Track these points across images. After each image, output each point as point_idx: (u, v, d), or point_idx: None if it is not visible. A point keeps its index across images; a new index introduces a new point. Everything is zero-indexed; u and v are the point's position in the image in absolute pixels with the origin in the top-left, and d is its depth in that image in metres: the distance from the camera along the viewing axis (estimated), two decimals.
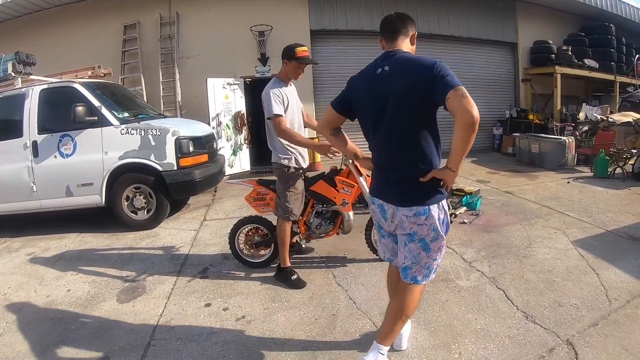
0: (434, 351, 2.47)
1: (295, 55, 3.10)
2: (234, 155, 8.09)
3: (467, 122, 1.70)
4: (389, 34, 2.03)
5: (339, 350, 2.49)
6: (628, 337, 2.57)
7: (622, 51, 11.91)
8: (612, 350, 2.43)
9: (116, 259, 4.07)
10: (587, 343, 2.52)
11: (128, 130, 4.74)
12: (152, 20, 8.31)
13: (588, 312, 2.89)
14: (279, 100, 3.08)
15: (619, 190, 6.33)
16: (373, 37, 9.56)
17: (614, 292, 3.17)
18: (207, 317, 2.92)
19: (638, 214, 5.11)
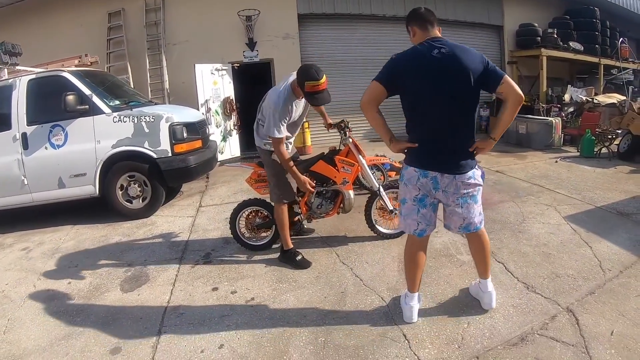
0: (443, 322, 2.54)
1: (304, 88, 2.91)
2: (224, 141, 8.03)
3: (519, 100, 2.14)
4: (427, 25, 2.32)
5: (352, 325, 2.55)
6: (623, 303, 2.70)
7: (606, 34, 12.14)
8: (610, 316, 2.55)
9: (114, 249, 4.02)
10: (586, 310, 2.63)
11: (120, 118, 4.65)
12: (137, 6, 8.11)
13: (584, 281, 3.01)
14: (286, 119, 3.02)
15: (605, 169, 6.51)
16: (360, 21, 9.60)
17: (607, 263, 3.30)
18: (216, 301, 2.93)
19: (625, 191, 5.28)
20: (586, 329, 2.43)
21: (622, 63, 12.17)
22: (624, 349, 2.24)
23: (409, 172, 2.34)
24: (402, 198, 2.45)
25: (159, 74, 8.02)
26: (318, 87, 2.89)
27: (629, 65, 12.52)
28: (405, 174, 2.37)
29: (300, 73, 2.91)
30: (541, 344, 2.31)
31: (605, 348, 2.26)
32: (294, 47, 8.83)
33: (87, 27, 8.04)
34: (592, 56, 11.55)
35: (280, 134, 2.97)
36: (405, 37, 2.36)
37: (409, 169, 2.34)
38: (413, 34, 2.36)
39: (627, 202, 4.85)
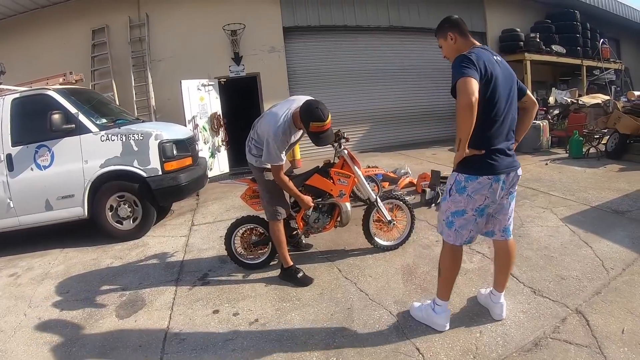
0: (455, 333, 2.49)
1: (309, 128, 2.85)
2: (212, 157, 7.92)
3: (537, 110, 2.55)
4: (466, 31, 2.41)
5: (362, 342, 2.46)
6: (630, 301, 2.72)
7: (587, 36, 12.40)
8: (619, 315, 2.57)
9: (107, 273, 3.86)
10: (595, 310, 2.64)
11: (108, 137, 4.52)
12: (121, 23, 8.02)
13: (589, 282, 3.01)
14: (285, 146, 2.96)
15: (595, 169, 6.59)
16: (346, 33, 9.68)
17: (609, 262, 3.31)
18: (218, 324, 2.80)
19: (617, 189, 5.34)
20: (597, 329, 2.43)
21: (603, 64, 12.46)
22: (637, 345, 2.27)
23: (479, 182, 2.26)
24: (458, 210, 2.35)
25: (145, 90, 7.91)
26: (324, 127, 2.83)
27: (611, 66, 12.84)
28: (470, 186, 2.27)
29: (305, 112, 2.82)
30: (555, 348, 2.29)
31: (619, 347, 2.26)
32: (280, 60, 8.82)
33: (71, 45, 7.91)
34: (575, 58, 11.80)
35: (280, 162, 2.94)
36: (391, 46, 2.36)
37: (478, 179, 2.25)
38: (454, 41, 2.39)
39: (621, 200, 4.90)
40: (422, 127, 10.86)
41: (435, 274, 3.24)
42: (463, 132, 2.12)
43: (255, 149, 3.15)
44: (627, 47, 16.12)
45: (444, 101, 10.99)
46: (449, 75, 2.21)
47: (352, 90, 9.88)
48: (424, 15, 10.37)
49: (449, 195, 2.39)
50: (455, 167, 2.33)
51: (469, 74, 2.07)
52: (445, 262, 2.51)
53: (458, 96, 2.08)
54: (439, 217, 2.53)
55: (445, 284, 2.52)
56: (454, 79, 2.12)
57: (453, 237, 2.41)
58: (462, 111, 2.06)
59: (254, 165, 3.19)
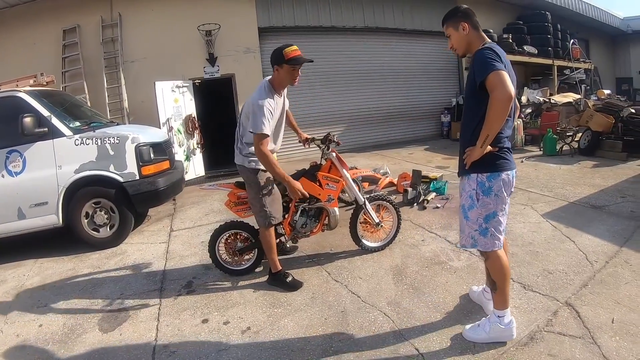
0: (451, 331, 2.49)
1: (285, 58, 2.79)
2: (187, 160, 7.73)
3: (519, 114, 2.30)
4: (478, 25, 2.31)
5: (360, 346, 2.42)
6: (616, 292, 2.81)
7: (557, 37, 12.83)
8: (607, 305, 2.65)
9: (86, 284, 3.65)
10: (584, 302, 2.71)
11: (83, 141, 4.32)
12: (93, 23, 7.71)
13: (576, 275, 3.09)
14: (270, 115, 2.81)
15: (570, 166, 6.81)
16: (321, 33, 9.68)
17: (593, 255, 3.42)
18: (209, 334, 2.68)
19: (593, 185, 5.52)
20: (588, 320, 2.49)
21: (573, 63, 12.94)
22: (627, 334, 2.34)
23: (502, 180, 2.18)
24: (489, 213, 2.23)
25: (118, 92, 7.64)
26: (296, 51, 2.86)
27: (581, 65, 13.33)
28: (495, 185, 2.18)
29: (275, 54, 2.88)
30: (551, 341, 2.33)
31: (610, 336, 2.33)
32: (255, 61, 8.70)
33: (41, 45, 7.56)
34: (546, 58, 12.16)
35: (266, 130, 2.73)
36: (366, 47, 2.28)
37: (501, 175, 2.18)
38: (465, 32, 2.28)
39: (597, 195, 5.06)
40: (398, 127, 10.98)
41: (426, 273, 3.28)
42: (495, 128, 2.05)
43: (246, 147, 3.02)
44: (596, 47, 16.84)
45: (418, 101, 11.18)
46: (420, 75, 2.19)
47: (328, 91, 9.89)
48: (399, 17, 10.50)
49: (476, 201, 2.24)
50: (470, 169, 2.23)
51: (500, 67, 2.00)
52: (498, 273, 2.31)
53: (495, 89, 1.98)
54: (466, 231, 2.32)
55: (503, 295, 2.33)
56: (484, 72, 2.03)
57: (491, 243, 2.27)
58: (500, 105, 1.98)
59: (245, 166, 3.04)
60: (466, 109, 2.35)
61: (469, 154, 2.20)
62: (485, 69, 2.02)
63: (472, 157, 2.17)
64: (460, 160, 2.33)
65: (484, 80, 2.02)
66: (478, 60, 2.11)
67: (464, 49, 2.33)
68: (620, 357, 2.15)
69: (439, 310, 2.73)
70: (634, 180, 5.68)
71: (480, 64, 2.07)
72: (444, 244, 3.87)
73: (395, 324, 2.60)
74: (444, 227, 4.31)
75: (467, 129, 2.29)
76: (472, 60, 2.23)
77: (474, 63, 2.15)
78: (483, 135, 2.08)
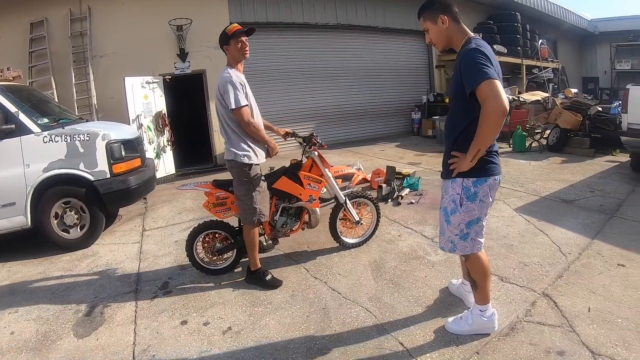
0: (434, 324, 2.51)
1: (228, 35, 2.93)
2: (158, 158, 7.53)
3: None
4: (459, 16, 2.15)
5: (344, 341, 2.40)
6: (590, 282, 2.92)
7: (527, 37, 13.22)
8: (582, 295, 2.75)
9: (57, 288, 3.47)
10: (560, 292, 2.80)
11: (52, 138, 4.12)
12: (61, 16, 7.36)
13: (551, 267, 3.19)
14: (242, 88, 2.86)
15: (539, 162, 7.03)
16: (293, 30, 9.65)
17: (566, 247, 3.53)
18: (189, 336, 2.60)
19: (562, 180, 5.71)
20: (566, 310, 2.58)
21: (542, 63, 13.36)
22: (603, 321, 2.43)
23: (488, 185, 2.10)
24: (473, 219, 2.16)
25: (86, 88, 7.34)
26: (236, 26, 2.96)
27: (549, 65, 13.81)
28: (481, 190, 2.10)
29: (220, 37, 3.01)
30: (531, 330, 2.39)
31: (587, 324, 2.41)
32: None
33: (7, 39, 7.16)
34: (515, 58, 12.50)
35: (243, 101, 2.83)
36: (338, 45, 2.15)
37: (488, 181, 2.09)
38: (445, 25, 2.11)
39: (567, 190, 5.24)
40: (369, 124, 11.09)
41: (405, 267, 3.31)
42: (487, 143, 1.96)
43: (236, 136, 2.94)
44: (563, 47, 17.43)
45: (389, 98, 11.32)
46: (391, 72, 2.11)
47: (300, 88, 9.86)
48: (371, 15, 10.59)
49: (459, 206, 2.14)
50: (455, 174, 2.13)
51: (493, 75, 1.86)
52: (478, 273, 2.29)
53: (487, 101, 1.84)
54: (447, 235, 2.26)
55: (483, 292, 2.33)
56: (474, 80, 1.88)
57: (471, 247, 2.22)
58: (493, 119, 1.85)
59: (237, 161, 2.93)
60: (452, 112, 2.22)
61: (457, 163, 2.09)
62: (476, 76, 1.88)
63: (461, 168, 2.07)
64: (445, 162, 2.22)
65: (475, 89, 1.88)
66: (467, 64, 1.95)
67: (444, 43, 2.18)
68: (598, 343, 2.23)
69: (420, 304, 2.75)
70: (601, 176, 5.92)
71: (470, 70, 1.92)
72: (420, 239, 3.92)
73: (377, 319, 2.61)
74: (420, 222, 4.36)
75: (452, 132, 2.18)
76: (458, 61, 2.06)
77: (462, 66, 1.98)
78: (474, 149, 1.97)
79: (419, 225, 4.27)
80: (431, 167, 6.97)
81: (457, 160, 2.09)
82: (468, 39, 2.07)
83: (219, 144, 8.59)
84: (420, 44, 11.93)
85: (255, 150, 2.99)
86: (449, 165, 2.16)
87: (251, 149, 2.97)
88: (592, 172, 6.16)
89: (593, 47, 18.86)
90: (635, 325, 2.38)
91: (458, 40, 2.12)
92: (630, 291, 2.76)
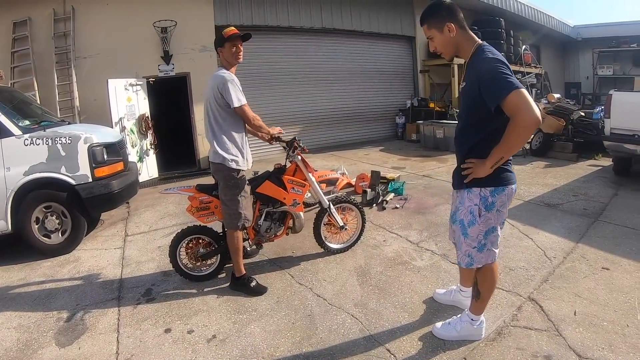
0: (421, 331, 2.51)
1: (224, 37, 2.91)
2: (140, 161, 7.39)
3: None
4: (465, 23, 2.08)
5: (331, 349, 2.38)
6: (575, 285, 2.96)
7: (510, 42, 13.37)
8: (568, 299, 2.78)
9: (38, 295, 3.38)
10: (546, 297, 2.82)
11: (33, 141, 4.02)
12: (45, 16, 7.19)
13: (536, 271, 3.22)
14: (239, 87, 2.88)
15: (523, 166, 7.12)
16: (278, 33, 9.65)
17: (551, 251, 3.57)
18: (173, 344, 2.54)
19: (545, 184, 5.79)
20: (552, 314, 2.60)
21: (525, 68, 13.56)
22: (590, 325, 2.46)
23: (505, 194, 2.05)
24: (489, 229, 2.11)
25: (69, 90, 7.17)
26: (233, 30, 2.94)
27: (532, 70, 14.02)
28: (498, 200, 2.04)
29: (216, 39, 3.02)
30: (518, 335, 2.41)
31: (574, 327, 2.44)
32: (211, 60, 8.40)
33: None
34: None
35: (244, 99, 2.87)
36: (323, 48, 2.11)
37: (505, 190, 2.03)
38: (452, 33, 2.02)
39: (551, 194, 5.31)
40: (353, 128, 11.11)
41: (390, 273, 3.30)
42: (513, 151, 1.90)
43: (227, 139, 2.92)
44: (546, 53, 17.72)
45: (374, 103, 11.36)
46: (375, 77, 2.04)
47: (284, 92, 9.83)
48: (356, 19, 10.61)
49: (478, 217, 2.07)
50: (471, 183, 2.05)
51: (520, 85, 1.77)
52: (486, 285, 2.26)
53: (519, 113, 1.75)
54: (464, 249, 2.18)
55: (484, 303, 2.30)
56: (500, 93, 1.78)
57: (486, 257, 2.17)
58: (526, 131, 1.79)
59: (226, 166, 2.89)
60: (465, 125, 2.12)
61: (473, 169, 2.01)
62: (501, 89, 1.77)
63: (477, 174, 1.99)
64: (458, 173, 2.15)
65: (501, 102, 1.78)
66: (488, 76, 1.84)
67: (452, 53, 2.09)
68: (585, 347, 2.26)
69: (406, 310, 2.75)
70: (584, 180, 6.03)
71: (494, 82, 1.81)
72: (405, 244, 3.92)
73: (364, 325, 2.59)
74: (405, 227, 4.37)
75: (465, 142, 2.10)
76: (472, 72, 1.97)
77: (482, 78, 1.87)
78: (497, 156, 1.90)
79: (404, 230, 4.27)
80: (415, 172, 7.01)
81: (472, 165, 2.02)
82: (478, 47, 1.99)
83: (202, 147, 8.50)
84: (405, 49, 12.02)
85: (244, 156, 2.99)
86: (462, 176, 2.09)
87: (240, 154, 2.95)
88: (576, 176, 6.26)
89: (576, 53, 19.22)
90: (620, 328, 2.41)
91: (467, 48, 2.03)
92: (615, 294, 2.80)
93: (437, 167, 7.38)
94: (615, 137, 5.86)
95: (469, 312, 2.36)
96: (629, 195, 5.22)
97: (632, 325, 2.44)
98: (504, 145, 1.86)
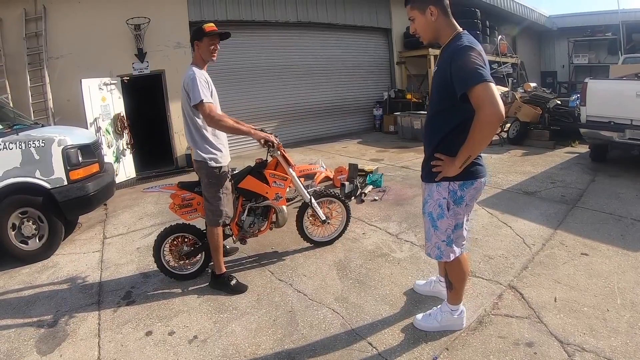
0: (402, 323, 2.53)
1: (204, 32, 2.86)
2: (117, 162, 7.28)
3: None
4: (449, 10, 2.01)
5: (313, 344, 2.39)
6: (555, 272, 3.01)
7: (486, 32, 13.50)
8: (548, 285, 2.83)
9: (17, 302, 3.30)
10: (526, 284, 2.87)
11: (6, 145, 3.89)
12: (15, 16, 6.97)
13: (515, 259, 3.27)
14: (205, 85, 2.82)
15: (500, 155, 7.22)
16: (253, 28, 9.57)
17: (529, 239, 3.63)
18: (155, 347, 2.51)
19: (523, 172, 5.89)
20: (532, 301, 2.64)
21: (501, 58, 13.72)
22: (570, 310, 2.51)
23: (474, 188, 2.03)
24: (458, 223, 2.12)
25: (42, 91, 6.98)
26: (213, 26, 2.92)
27: (508, 60, 14.18)
28: (467, 194, 2.02)
29: (194, 31, 2.95)
30: (499, 323, 2.44)
31: (554, 314, 2.48)
32: (186, 56, 8.30)
33: None
34: None
35: (207, 98, 2.76)
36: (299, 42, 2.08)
37: (474, 183, 2.01)
38: (434, 17, 1.96)
39: (529, 182, 5.40)
40: (331, 121, 11.12)
41: (370, 266, 3.32)
42: (478, 150, 1.86)
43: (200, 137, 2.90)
44: (522, 42, 17.95)
45: (351, 95, 11.40)
46: (352, 69, 2.00)
47: (261, 86, 9.77)
48: (332, 12, 10.58)
49: (446, 211, 2.06)
50: (440, 178, 2.02)
51: (488, 78, 1.73)
52: (457, 277, 2.28)
53: (483, 106, 1.71)
54: (433, 240, 2.18)
55: (458, 293, 2.33)
56: (467, 82, 1.74)
57: (452, 252, 2.18)
58: (489, 127, 1.74)
59: (207, 164, 2.90)
60: (434, 112, 2.10)
61: (442, 167, 1.99)
62: (469, 78, 1.75)
63: (447, 173, 1.97)
64: (427, 165, 2.12)
65: (467, 92, 1.75)
66: (459, 63, 1.80)
67: (430, 37, 2.03)
68: (566, 332, 2.30)
69: (387, 302, 2.77)
70: (562, 167, 6.15)
71: (463, 70, 1.78)
72: (385, 236, 3.94)
73: (345, 320, 2.60)
74: (384, 219, 4.39)
75: (434, 134, 2.07)
76: (446, 57, 1.92)
77: (453, 64, 1.83)
78: (464, 155, 1.87)
79: (383, 222, 4.29)
80: (394, 163, 7.05)
81: (441, 163, 1.98)
82: (457, 34, 1.95)
83: (179, 145, 8.42)
84: (381, 41, 12.05)
85: (222, 151, 2.98)
86: (431, 168, 2.05)
87: (218, 151, 2.94)
88: (553, 163, 6.38)
89: (551, 42, 19.53)
90: (601, 312, 2.46)
91: (446, 34, 1.99)
92: (595, 279, 2.86)
93: (415, 158, 7.42)
94: (592, 124, 5.97)
95: (447, 303, 2.39)
96: (605, 181, 5.32)
97: (613, 310, 2.48)
98: (470, 144, 1.84)
